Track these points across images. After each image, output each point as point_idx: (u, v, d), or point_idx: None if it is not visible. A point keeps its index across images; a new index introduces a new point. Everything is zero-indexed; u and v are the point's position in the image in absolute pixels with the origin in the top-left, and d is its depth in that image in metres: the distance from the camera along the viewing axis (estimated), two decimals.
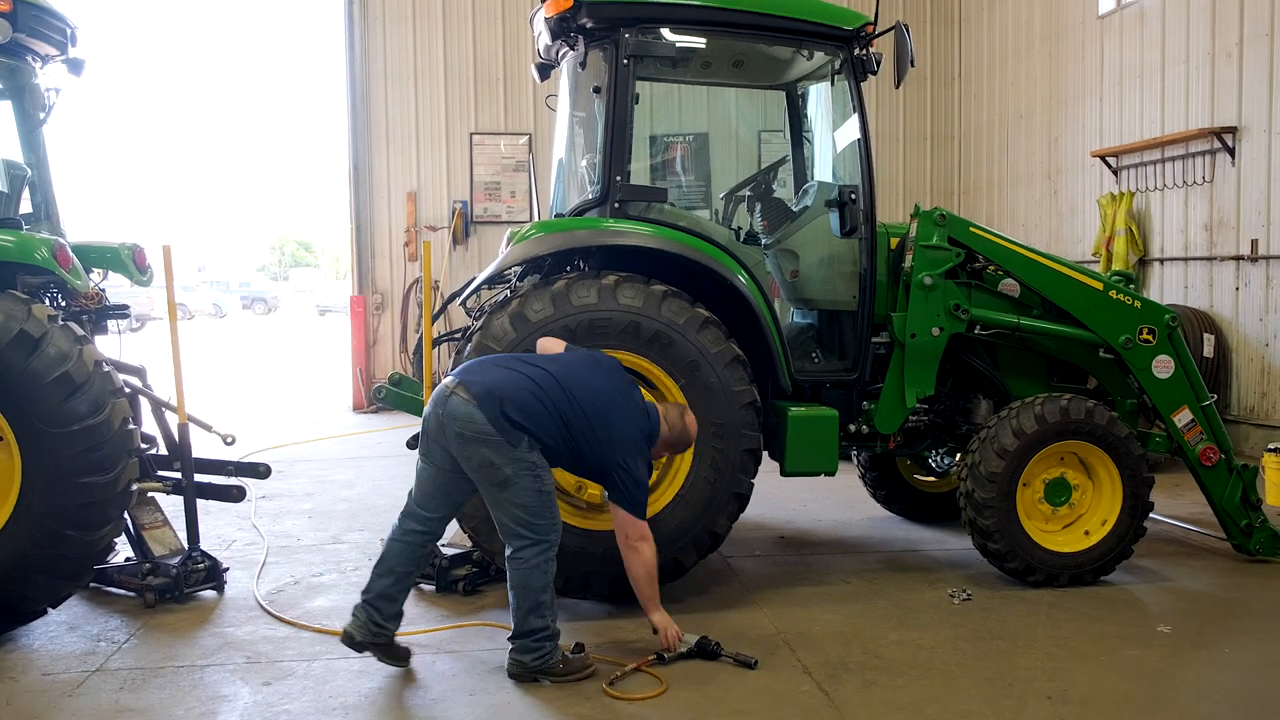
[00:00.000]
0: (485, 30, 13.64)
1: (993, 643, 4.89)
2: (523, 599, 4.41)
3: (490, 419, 4.29)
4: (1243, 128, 9.23)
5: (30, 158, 5.86)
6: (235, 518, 7.33)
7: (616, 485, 4.48)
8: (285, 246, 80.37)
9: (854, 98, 5.90)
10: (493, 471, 4.33)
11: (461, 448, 4.36)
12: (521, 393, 4.39)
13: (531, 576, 4.39)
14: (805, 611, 5.35)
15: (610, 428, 4.46)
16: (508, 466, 4.32)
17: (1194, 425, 6.03)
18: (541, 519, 4.39)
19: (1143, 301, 6.06)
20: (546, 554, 4.41)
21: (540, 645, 4.41)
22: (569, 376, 4.53)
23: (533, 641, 4.41)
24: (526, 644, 4.42)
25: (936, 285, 5.84)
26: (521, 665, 4.43)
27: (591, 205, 5.65)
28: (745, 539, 6.77)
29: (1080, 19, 11.68)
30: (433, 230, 13.55)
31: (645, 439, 4.59)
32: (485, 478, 4.36)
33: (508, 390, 4.38)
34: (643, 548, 4.54)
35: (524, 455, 4.33)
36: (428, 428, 4.49)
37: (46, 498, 4.82)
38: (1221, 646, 4.90)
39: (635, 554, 4.55)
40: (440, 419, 4.40)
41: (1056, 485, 5.73)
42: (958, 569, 6.06)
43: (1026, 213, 12.95)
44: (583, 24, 5.53)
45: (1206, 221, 9.73)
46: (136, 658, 4.78)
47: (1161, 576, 5.92)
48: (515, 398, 4.36)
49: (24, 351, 4.76)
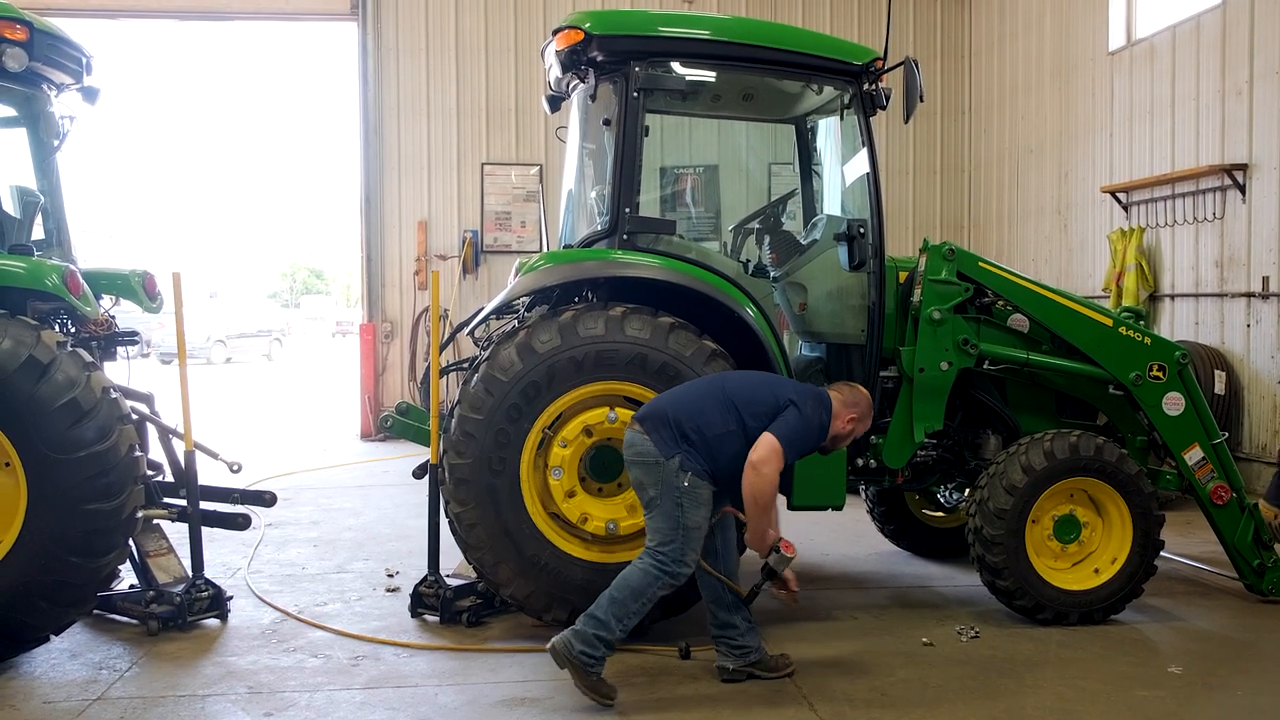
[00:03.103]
0: (498, 63, 13.74)
1: (1001, 681, 4.84)
2: (617, 588, 4.49)
3: (647, 430, 4.57)
4: (1253, 165, 9.22)
5: (43, 184, 5.89)
6: (240, 545, 7.31)
7: (782, 420, 4.58)
8: (297, 274, 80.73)
9: (863, 132, 5.92)
10: (642, 491, 4.60)
11: (630, 470, 4.69)
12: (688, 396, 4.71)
13: (635, 576, 4.50)
14: (812, 647, 5.30)
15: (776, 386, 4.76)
16: (653, 488, 4.53)
17: (1205, 463, 5.99)
18: (670, 542, 4.50)
19: (1153, 338, 6.03)
20: (662, 570, 4.48)
21: (597, 647, 4.43)
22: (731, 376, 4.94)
23: (595, 637, 4.42)
24: (589, 634, 4.42)
25: (945, 320, 5.83)
26: (569, 649, 4.41)
27: (600, 237, 5.66)
28: (752, 573, 6.69)
29: (1090, 55, 11.71)
30: (443, 259, 13.60)
31: (818, 401, 4.74)
32: (641, 496, 4.64)
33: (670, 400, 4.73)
34: (764, 469, 4.49)
35: (670, 477, 4.48)
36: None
37: (51, 524, 4.81)
38: (1233, 689, 4.84)
39: (754, 473, 4.50)
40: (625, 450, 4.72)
41: (1066, 522, 5.69)
42: (966, 606, 6.00)
43: (1036, 248, 12.95)
44: (593, 57, 5.57)
45: (1217, 258, 9.70)
46: (138, 686, 4.76)
47: (1172, 616, 5.86)
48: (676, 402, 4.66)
49: (32, 377, 4.77)
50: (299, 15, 14.23)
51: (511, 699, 4.61)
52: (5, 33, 5.25)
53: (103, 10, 13.58)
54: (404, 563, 6.95)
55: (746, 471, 4.51)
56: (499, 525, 5.22)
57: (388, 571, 6.77)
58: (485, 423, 5.19)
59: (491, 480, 5.21)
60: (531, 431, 5.26)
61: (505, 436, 5.21)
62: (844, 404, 4.86)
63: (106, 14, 13.74)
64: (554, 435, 5.30)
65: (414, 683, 4.82)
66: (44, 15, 5.69)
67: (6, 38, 5.25)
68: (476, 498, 5.22)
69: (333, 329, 56.64)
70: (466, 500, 5.23)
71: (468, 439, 5.20)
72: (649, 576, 4.47)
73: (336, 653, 5.23)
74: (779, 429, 4.54)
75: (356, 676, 4.90)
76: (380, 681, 4.84)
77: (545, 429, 5.31)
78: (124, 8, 13.66)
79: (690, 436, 4.52)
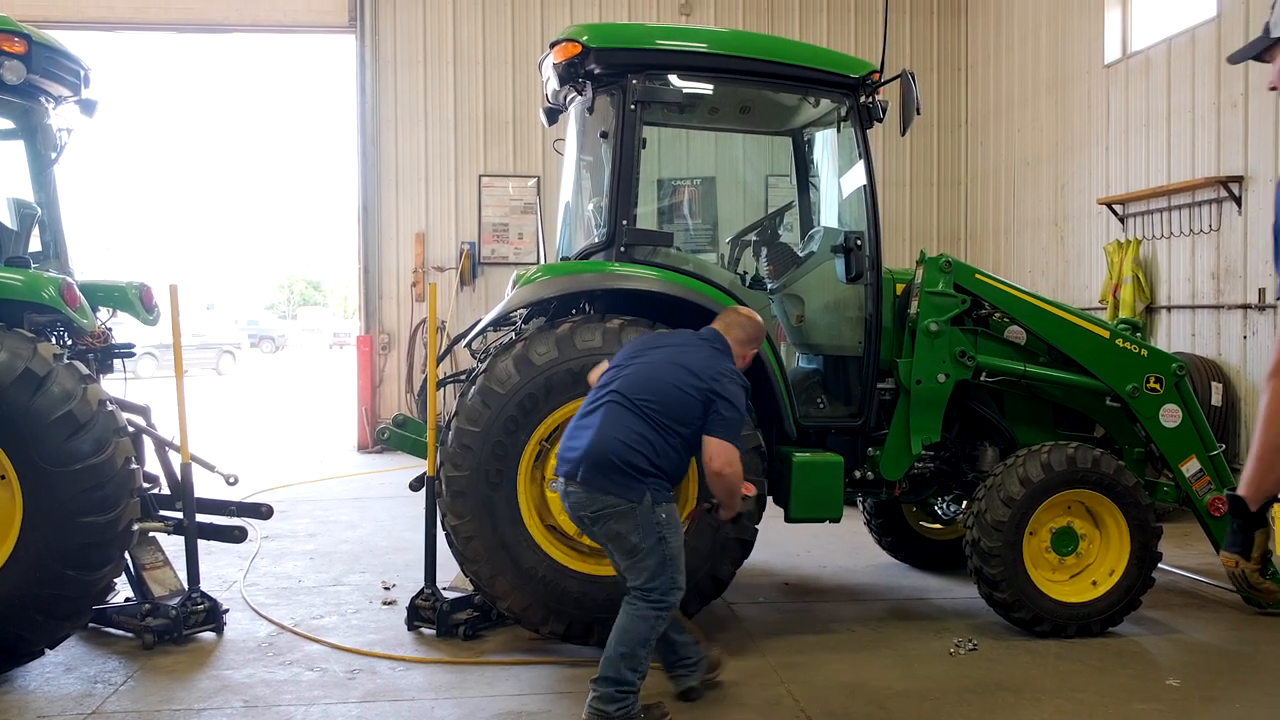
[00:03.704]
0: (495, 75, 13.76)
1: (999, 695, 4.83)
2: (622, 642, 4.29)
3: (604, 488, 4.28)
4: (1249, 177, 9.24)
5: (41, 197, 5.89)
6: (237, 558, 7.29)
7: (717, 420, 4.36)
8: (294, 285, 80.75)
9: (860, 144, 5.93)
10: (622, 542, 4.31)
11: (595, 527, 4.38)
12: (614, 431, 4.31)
13: (636, 624, 4.30)
14: (809, 660, 5.29)
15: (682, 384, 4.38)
16: (634, 534, 4.28)
17: (1202, 475, 5.99)
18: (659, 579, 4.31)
19: (1149, 350, 6.04)
20: (658, 610, 4.32)
21: (624, 698, 4.28)
22: (634, 374, 4.47)
23: (617, 691, 4.27)
24: (610, 693, 4.27)
25: (942, 332, 5.83)
26: (603, 715, 4.26)
27: (597, 249, 5.67)
28: (749, 585, 6.71)
29: (1086, 68, 11.75)
30: (440, 271, 13.59)
31: (729, 376, 4.47)
32: (618, 547, 4.35)
33: (602, 444, 4.30)
34: (728, 471, 4.36)
35: (646, 516, 4.27)
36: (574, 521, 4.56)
37: (47, 537, 4.80)
38: (1232, 701, 4.83)
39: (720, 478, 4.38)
40: (572, 515, 4.48)
41: (1063, 534, 5.68)
42: (964, 618, 5.99)
43: (1033, 259, 12.96)
44: (591, 70, 5.58)
45: (1214, 270, 9.72)
46: (133, 700, 4.74)
47: (1170, 628, 5.85)
48: (611, 445, 4.29)
49: (28, 390, 4.76)
50: (297, 27, 14.24)
51: (508, 712, 4.60)
52: (3, 45, 5.27)
53: (100, 23, 13.59)
54: (401, 575, 6.93)
55: (712, 480, 4.42)
56: (496, 538, 5.21)
57: (384, 584, 6.75)
58: (482, 435, 5.18)
59: (489, 493, 5.20)
60: (529, 444, 5.25)
61: (502, 449, 5.20)
62: (741, 343, 4.71)
63: (104, 26, 13.74)
64: (551, 448, 5.29)
65: (410, 696, 4.80)
66: (42, 28, 5.70)
67: (4, 50, 5.27)
68: (473, 510, 5.21)
69: (330, 340, 56.82)
70: (463, 513, 5.22)
71: (465, 451, 5.20)
72: (649, 620, 4.31)
73: (333, 666, 5.21)
74: (720, 430, 4.34)
75: (353, 690, 4.88)
76: (377, 695, 4.82)
77: (542, 441, 5.30)
78: (122, 20, 13.66)
79: (644, 468, 4.30)
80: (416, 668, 5.20)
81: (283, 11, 13.82)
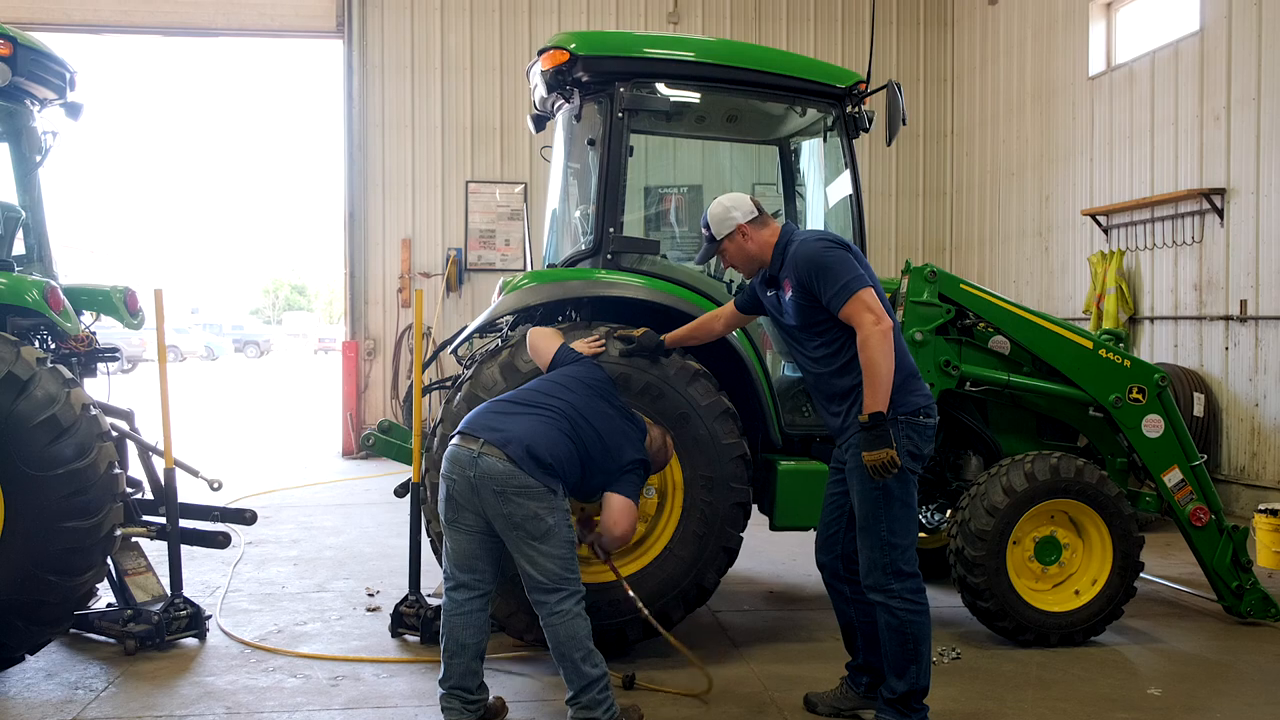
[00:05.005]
0: (482, 81, 13.78)
1: (982, 703, 4.84)
2: (573, 649, 4.26)
3: (530, 471, 4.20)
4: (1231, 189, 9.33)
5: (25, 200, 5.86)
6: (220, 564, 7.26)
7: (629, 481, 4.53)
8: (279, 290, 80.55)
9: (846, 154, 5.96)
10: (537, 523, 4.21)
11: (502, 505, 4.20)
12: (551, 435, 4.32)
13: (577, 625, 4.28)
14: (794, 668, 5.30)
15: (622, 453, 4.51)
16: (550, 516, 4.24)
17: (1184, 485, 6.03)
18: (574, 569, 4.33)
19: (1132, 360, 6.08)
20: (582, 602, 4.34)
21: (605, 695, 4.29)
22: (583, 407, 4.50)
23: (598, 694, 4.27)
24: (593, 698, 4.27)
25: (927, 341, 5.86)
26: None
27: (584, 256, 5.68)
28: (733, 593, 6.72)
29: (1070, 80, 11.84)
30: (426, 277, 13.59)
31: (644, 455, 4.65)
32: (529, 531, 4.22)
33: (537, 438, 4.28)
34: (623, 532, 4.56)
35: (560, 503, 4.29)
36: (455, 492, 4.29)
37: (29, 542, 4.76)
38: (1212, 710, 4.85)
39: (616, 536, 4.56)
40: (472, 482, 4.22)
41: (1046, 544, 5.71)
42: (948, 627, 6.01)
43: (1018, 269, 13.04)
44: (578, 77, 5.59)
45: (1196, 281, 9.79)
46: (114, 707, 4.71)
47: (1152, 638, 5.88)
48: (547, 443, 4.29)
49: (11, 394, 4.73)
50: (284, 32, 14.23)
51: None
52: None
53: (86, 25, 13.56)
54: (385, 582, 6.91)
55: (611, 534, 4.53)
56: None
57: (368, 591, 6.73)
58: None
59: None
60: None
61: None
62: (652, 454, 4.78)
63: (90, 29, 13.71)
64: None
65: (394, 703, 4.79)
66: (27, 30, 5.68)
67: None
68: None
69: (315, 345, 56.79)
70: None
71: None
72: (581, 614, 4.30)
73: (316, 673, 5.19)
74: (628, 490, 4.52)
75: (336, 697, 4.87)
76: (360, 702, 4.80)
77: None
78: (108, 23, 13.63)
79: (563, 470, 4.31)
80: (400, 674, 5.18)
81: (270, 16, 13.81)
